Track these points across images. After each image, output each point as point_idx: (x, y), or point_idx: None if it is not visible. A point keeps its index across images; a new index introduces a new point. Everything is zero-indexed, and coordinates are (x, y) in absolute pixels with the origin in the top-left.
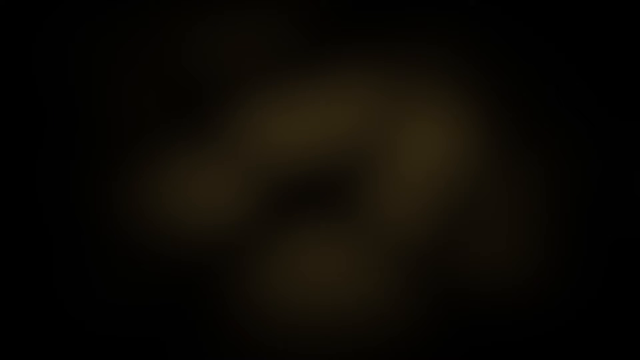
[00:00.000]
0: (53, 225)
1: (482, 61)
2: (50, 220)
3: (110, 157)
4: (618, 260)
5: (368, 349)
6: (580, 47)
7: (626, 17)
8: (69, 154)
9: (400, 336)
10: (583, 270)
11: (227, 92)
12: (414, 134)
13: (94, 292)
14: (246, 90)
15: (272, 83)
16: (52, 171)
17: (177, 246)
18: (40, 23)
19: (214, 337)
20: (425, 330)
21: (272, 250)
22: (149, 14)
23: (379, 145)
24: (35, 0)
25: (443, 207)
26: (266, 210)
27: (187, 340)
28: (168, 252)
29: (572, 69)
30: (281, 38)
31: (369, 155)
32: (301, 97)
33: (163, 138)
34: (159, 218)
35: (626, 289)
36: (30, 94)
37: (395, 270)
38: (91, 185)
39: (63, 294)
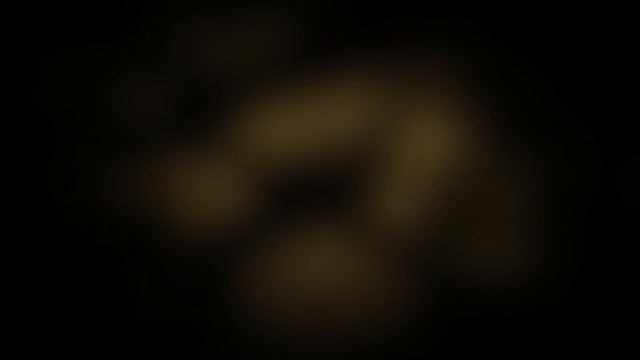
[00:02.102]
0: (53, 224)
1: (483, 63)
2: (52, 220)
3: (109, 157)
4: (615, 256)
5: (369, 348)
6: (583, 54)
7: (628, 22)
8: (68, 155)
9: (402, 335)
10: (582, 267)
11: (227, 93)
12: (414, 134)
13: (93, 291)
14: (247, 91)
15: (273, 83)
16: (53, 171)
17: (176, 246)
18: (42, 22)
19: (213, 336)
20: (425, 329)
21: (272, 250)
22: (149, 15)
23: (380, 146)
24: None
25: (444, 207)
26: (266, 211)
27: (188, 340)
28: (166, 252)
29: (573, 70)
30: (283, 39)
31: (371, 156)
32: (302, 98)
33: (163, 138)
34: (158, 218)
35: (625, 284)
36: (30, 94)
37: (395, 269)
38: (89, 185)
39: (62, 293)
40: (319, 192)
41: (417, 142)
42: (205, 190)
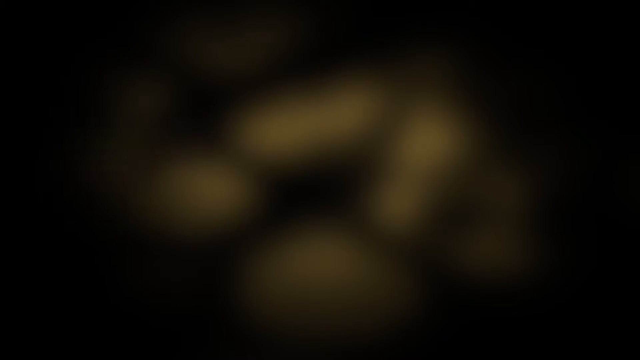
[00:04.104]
0: (54, 221)
1: (484, 66)
2: (54, 217)
3: (111, 157)
4: (613, 255)
5: (369, 347)
6: (583, 55)
7: (630, 27)
8: (69, 154)
9: (402, 334)
10: (581, 266)
11: (229, 93)
12: (415, 134)
13: (97, 289)
14: (248, 91)
15: (274, 84)
16: (56, 169)
17: (178, 245)
18: (47, 26)
19: (214, 335)
20: (425, 327)
21: (273, 249)
22: (151, 16)
23: (381, 146)
24: (40, 6)
25: (444, 206)
26: (267, 210)
27: (189, 339)
28: (168, 251)
29: (572, 71)
30: (284, 39)
31: (371, 156)
32: (303, 98)
33: (165, 138)
34: (161, 217)
35: (623, 283)
36: (35, 94)
37: (396, 268)
38: (90, 185)
39: (66, 290)
40: (320, 191)
41: (417, 142)
42: (207, 189)
